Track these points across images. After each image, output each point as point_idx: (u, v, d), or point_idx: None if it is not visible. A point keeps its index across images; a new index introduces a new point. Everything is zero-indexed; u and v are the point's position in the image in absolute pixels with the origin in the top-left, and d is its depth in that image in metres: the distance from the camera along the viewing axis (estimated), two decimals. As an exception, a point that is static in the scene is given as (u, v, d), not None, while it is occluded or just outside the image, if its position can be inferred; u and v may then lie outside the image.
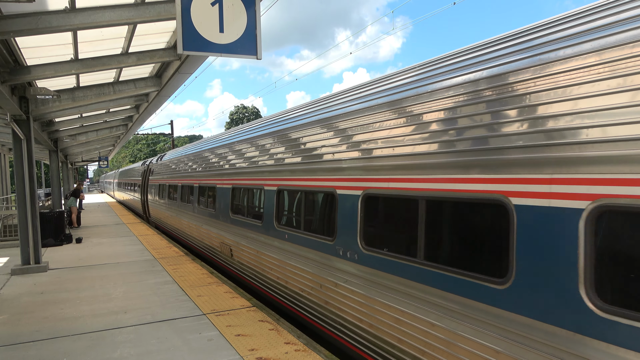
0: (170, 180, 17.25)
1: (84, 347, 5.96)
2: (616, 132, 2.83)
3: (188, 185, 14.51)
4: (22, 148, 10.90)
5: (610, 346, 2.78)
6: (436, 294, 4.20)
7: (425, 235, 4.40)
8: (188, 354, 5.61)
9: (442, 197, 4.17)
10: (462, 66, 4.29)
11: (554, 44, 3.40)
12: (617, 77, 2.88)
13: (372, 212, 5.34)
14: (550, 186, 3.16)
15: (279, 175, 7.73)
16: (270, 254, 7.97)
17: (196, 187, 13.42)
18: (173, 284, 9.24)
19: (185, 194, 14.86)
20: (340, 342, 6.01)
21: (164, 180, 18.48)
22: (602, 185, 2.88)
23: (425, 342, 4.30)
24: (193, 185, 13.81)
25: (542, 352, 3.16)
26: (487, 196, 3.68)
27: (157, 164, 20.88)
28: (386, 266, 4.97)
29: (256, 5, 5.94)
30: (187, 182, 14.69)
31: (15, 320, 7.19)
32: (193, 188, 13.82)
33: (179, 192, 15.75)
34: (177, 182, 16.16)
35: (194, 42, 5.62)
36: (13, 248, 14.30)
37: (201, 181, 12.87)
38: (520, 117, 3.43)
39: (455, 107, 4.10)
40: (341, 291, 5.79)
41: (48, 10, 6.95)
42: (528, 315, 3.29)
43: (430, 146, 4.35)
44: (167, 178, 17.82)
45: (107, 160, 42.26)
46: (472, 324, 3.76)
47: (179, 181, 15.77)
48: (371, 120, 5.36)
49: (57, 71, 9.53)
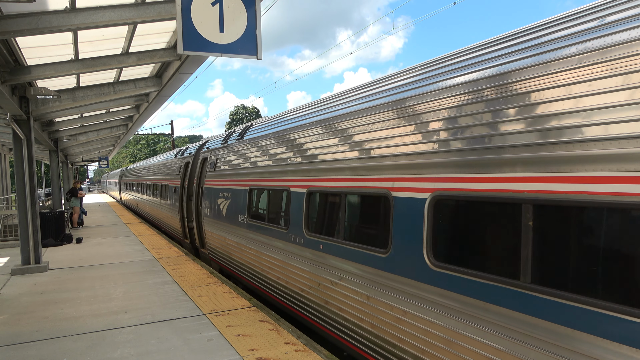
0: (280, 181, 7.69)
1: (84, 347, 5.96)
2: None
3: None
4: (22, 148, 10.90)
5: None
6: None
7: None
8: (188, 354, 5.61)
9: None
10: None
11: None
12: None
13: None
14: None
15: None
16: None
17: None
18: (173, 284, 9.24)
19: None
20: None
21: (255, 181, 8.60)
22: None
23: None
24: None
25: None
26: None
27: (231, 147, 10.45)
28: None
29: (256, 5, 5.94)
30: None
31: (15, 320, 7.19)
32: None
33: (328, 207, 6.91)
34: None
35: (194, 42, 5.63)
36: (13, 248, 14.30)
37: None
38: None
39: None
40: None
41: (48, 10, 6.95)
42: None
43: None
44: (268, 177, 8.09)
45: (107, 160, 42.28)
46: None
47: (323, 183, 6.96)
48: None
49: (57, 71, 9.53)
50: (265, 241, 8.05)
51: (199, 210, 12.50)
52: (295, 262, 6.88)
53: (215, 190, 10.98)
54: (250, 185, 8.75)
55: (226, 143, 10.91)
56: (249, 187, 8.82)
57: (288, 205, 7.14)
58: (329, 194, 6.16)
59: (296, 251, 6.92)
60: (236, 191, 9.49)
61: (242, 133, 10.04)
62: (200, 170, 12.65)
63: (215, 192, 10.91)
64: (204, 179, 11.93)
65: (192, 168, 13.90)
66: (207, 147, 12.74)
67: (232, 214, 9.68)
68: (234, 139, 10.41)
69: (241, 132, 10.24)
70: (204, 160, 12.49)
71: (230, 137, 10.91)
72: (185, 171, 14.59)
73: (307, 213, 6.59)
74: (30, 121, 10.96)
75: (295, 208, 6.80)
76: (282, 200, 7.52)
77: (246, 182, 8.97)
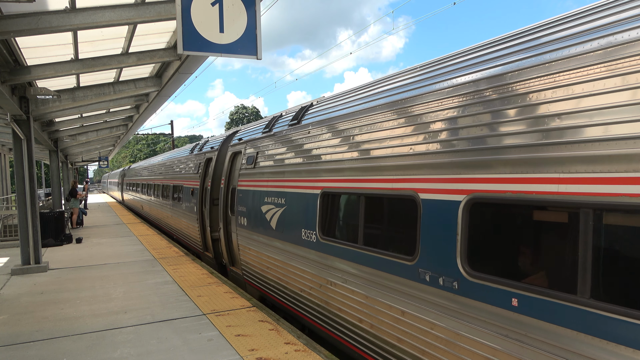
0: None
1: (84, 347, 5.96)
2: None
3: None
4: (22, 148, 10.90)
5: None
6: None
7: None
8: (188, 354, 5.61)
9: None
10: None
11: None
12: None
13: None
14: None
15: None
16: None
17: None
18: (173, 284, 9.23)
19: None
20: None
21: (334, 182, 6.16)
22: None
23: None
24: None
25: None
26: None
27: (282, 136, 8.01)
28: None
29: (256, 5, 5.94)
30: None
31: (15, 320, 7.19)
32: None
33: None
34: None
35: (194, 42, 5.63)
36: (13, 248, 14.30)
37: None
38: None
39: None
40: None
41: (48, 10, 6.95)
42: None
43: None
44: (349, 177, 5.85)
45: (107, 160, 42.27)
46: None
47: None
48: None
49: (57, 71, 9.54)
50: (353, 272, 5.51)
51: (228, 218, 10.23)
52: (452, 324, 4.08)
53: (256, 193, 8.57)
54: (324, 187, 6.26)
55: (270, 131, 8.48)
56: (321, 189, 6.31)
57: (416, 222, 4.53)
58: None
59: (443, 302, 4.21)
60: (297, 196, 7.00)
61: (299, 116, 7.54)
62: (230, 168, 10.41)
63: (257, 195, 8.48)
64: (237, 179, 9.69)
65: (217, 165, 11.81)
66: (238, 139, 10.31)
67: (289, 227, 7.23)
68: (284, 125, 7.97)
69: (296, 114, 7.71)
70: (235, 155, 10.23)
71: (277, 123, 8.48)
72: (206, 169, 12.52)
73: (467, 237, 3.99)
74: (30, 121, 10.97)
75: (434, 227, 4.28)
76: (397, 212, 5.14)
77: (316, 183, 6.47)
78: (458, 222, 3.92)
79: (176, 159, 17.33)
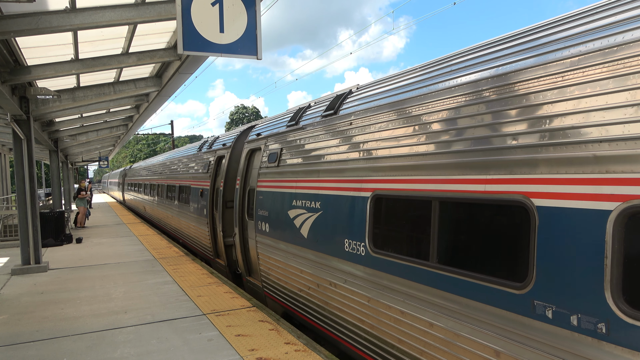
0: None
1: (84, 347, 5.96)
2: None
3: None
4: (22, 148, 10.91)
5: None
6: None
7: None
8: (188, 354, 5.61)
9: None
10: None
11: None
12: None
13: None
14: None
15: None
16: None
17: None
18: (173, 284, 9.24)
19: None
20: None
21: (391, 184, 5.06)
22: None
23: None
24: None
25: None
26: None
27: (312, 129, 6.97)
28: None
29: (256, 5, 5.94)
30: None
31: (15, 320, 7.19)
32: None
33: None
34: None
35: (194, 42, 5.63)
36: (13, 248, 14.30)
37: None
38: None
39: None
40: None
41: (48, 10, 6.96)
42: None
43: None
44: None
45: (107, 160, 42.31)
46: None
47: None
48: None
49: (57, 71, 9.54)
50: (427, 299, 4.35)
51: (244, 222, 9.28)
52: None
53: (281, 195, 7.50)
54: (376, 189, 5.21)
55: (297, 124, 7.44)
56: (372, 191, 5.27)
57: (529, 236, 3.45)
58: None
59: (578, 349, 3.08)
60: (337, 199, 5.96)
61: (335, 105, 6.48)
62: (246, 167, 9.40)
63: (283, 198, 7.43)
64: (255, 179, 8.64)
65: (230, 164, 10.84)
66: (256, 134, 9.18)
67: (325, 236, 6.21)
68: (316, 116, 6.92)
69: (331, 104, 6.67)
70: (252, 152, 9.25)
71: (304, 115, 7.43)
72: (218, 168, 11.65)
73: (622, 262, 2.93)
74: (30, 121, 10.97)
75: (561, 245, 3.18)
76: (494, 223, 3.89)
77: (365, 184, 5.41)
78: (606, 240, 2.83)
79: (184, 157, 16.19)
